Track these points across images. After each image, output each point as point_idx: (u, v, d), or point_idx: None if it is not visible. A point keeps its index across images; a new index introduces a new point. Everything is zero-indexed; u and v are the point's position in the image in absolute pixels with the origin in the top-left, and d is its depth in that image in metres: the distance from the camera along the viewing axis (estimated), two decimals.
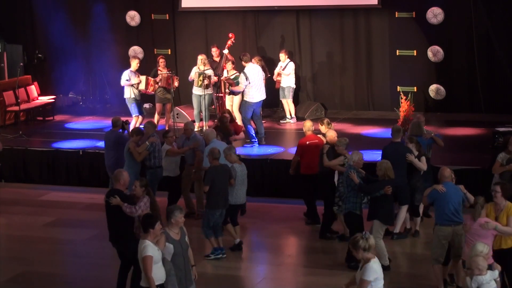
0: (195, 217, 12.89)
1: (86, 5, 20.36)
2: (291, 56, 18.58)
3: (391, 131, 12.10)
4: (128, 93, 16.56)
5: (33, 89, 19.71)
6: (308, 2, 19.08)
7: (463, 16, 17.88)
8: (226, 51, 17.05)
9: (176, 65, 19.68)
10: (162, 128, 16.39)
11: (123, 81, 16.54)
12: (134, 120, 16.49)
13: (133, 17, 20.41)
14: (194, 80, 16.79)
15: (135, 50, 20.17)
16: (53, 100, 19.90)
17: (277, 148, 15.61)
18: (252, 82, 15.77)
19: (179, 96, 19.65)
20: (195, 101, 16.94)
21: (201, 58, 16.83)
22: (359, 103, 19.24)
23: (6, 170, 16.09)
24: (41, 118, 19.29)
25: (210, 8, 19.68)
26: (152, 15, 20.33)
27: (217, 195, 11.24)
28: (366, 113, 18.90)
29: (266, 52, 19.40)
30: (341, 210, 11.58)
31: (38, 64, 20.94)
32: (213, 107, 17.54)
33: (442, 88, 18.28)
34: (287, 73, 17.80)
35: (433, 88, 18.35)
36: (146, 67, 17.99)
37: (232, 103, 16.68)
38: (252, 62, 16.27)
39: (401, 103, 16.15)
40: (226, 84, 16.38)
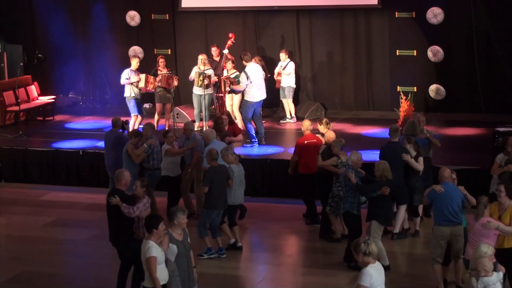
0: (195, 218, 12.85)
1: (86, 5, 20.36)
2: (291, 56, 18.58)
3: (389, 131, 12.12)
4: (128, 92, 16.55)
5: (33, 89, 19.70)
6: (308, 2, 19.07)
7: (463, 16, 17.87)
8: (226, 51, 17.03)
9: (176, 65, 19.68)
10: (162, 128, 16.39)
11: (123, 80, 16.54)
12: (133, 119, 16.48)
13: (133, 17, 20.41)
14: (194, 80, 16.79)
15: (135, 50, 20.16)
16: (53, 100, 19.89)
17: (277, 148, 15.61)
18: (253, 82, 15.78)
19: (179, 96, 19.64)
20: (195, 101, 16.93)
21: (202, 58, 16.82)
22: (359, 103, 19.24)
23: (6, 170, 16.11)
24: (41, 118, 19.29)
25: (210, 8, 19.68)
26: (152, 15, 20.33)
27: (216, 196, 11.25)
28: (366, 113, 18.89)
29: (266, 52, 19.39)
30: (333, 211, 11.63)
31: (38, 64, 20.94)
32: (213, 107, 17.54)
33: (442, 88, 18.27)
34: (288, 73, 17.79)
35: (433, 88, 18.34)
36: (146, 67, 17.99)
37: (232, 103, 16.69)
38: (253, 62, 16.28)
39: (401, 103, 16.15)
40: (226, 83, 16.36)
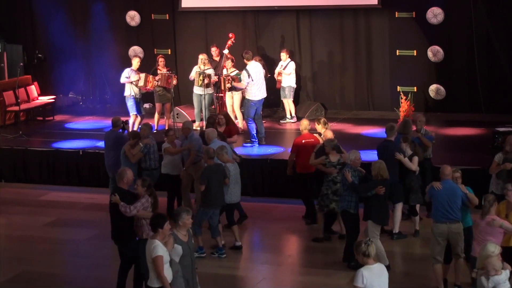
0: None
1: (86, 5, 20.35)
2: (292, 56, 18.58)
3: (385, 129, 12.16)
4: (128, 91, 16.55)
5: (33, 89, 19.70)
6: (308, 2, 19.07)
7: (463, 16, 17.86)
8: (226, 51, 17.03)
9: (176, 65, 19.68)
10: (163, 128, 16.39)
11: (123, 78, 16.55)
12: (132, 119, 16.48)
13: (133, 17, 20.41)
14: (195, 80, 16.79)
15: (135, 50, 20.16)
16: (53, 100, 19.88)
17: (277, 148, 15.60)
18: (254, 80, 15.78)
19: (179, 96, 19.64)
20: (196, 101, 16.93)
21: (202, 58, 16.82)
22: (359, 103, 19.23)
23: (6, 170, 16.11)
24: (41, 118, 19.28)
25: (210, 8, 19.68)
26: (152, 15, 20.33)
27: (213, 194, 11.28)
28: (366, 113, 18.89)
29: (266, 52, 19.39)
30: (321, 209, 11.67)
31: (38, 64, 20.93)
32: (213, 107, 17.54)
33: (442, 88, 18.27)
34: (288, 73, 17.78)
35: (433, 88, 18.33)
36: (146, 67, 17.97)
37: (233, 102, 16.69)
38: (254, 60, 16.28)
39: (401, 103, 16.16)
40: (226, 81, 16.35)
